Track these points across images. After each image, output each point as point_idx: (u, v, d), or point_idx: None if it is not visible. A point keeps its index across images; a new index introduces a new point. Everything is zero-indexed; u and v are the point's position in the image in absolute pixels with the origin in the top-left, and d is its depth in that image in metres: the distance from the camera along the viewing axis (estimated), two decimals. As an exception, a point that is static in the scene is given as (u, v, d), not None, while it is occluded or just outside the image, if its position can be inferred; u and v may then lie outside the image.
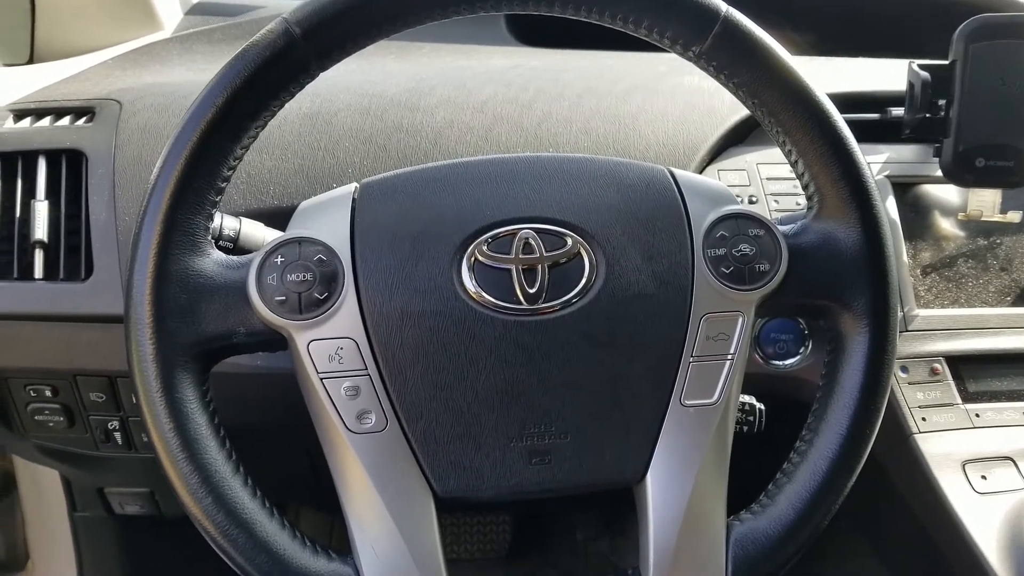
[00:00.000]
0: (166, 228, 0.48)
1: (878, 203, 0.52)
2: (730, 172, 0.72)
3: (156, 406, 0.48)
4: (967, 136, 0.72)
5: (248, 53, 0.48)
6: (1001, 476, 0.67)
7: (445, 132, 0.71)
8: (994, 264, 0.75)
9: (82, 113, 0.73)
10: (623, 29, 0.52)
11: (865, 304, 0.52)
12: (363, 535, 0.49)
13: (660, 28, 0.51)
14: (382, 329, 0.49)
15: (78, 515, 0.91)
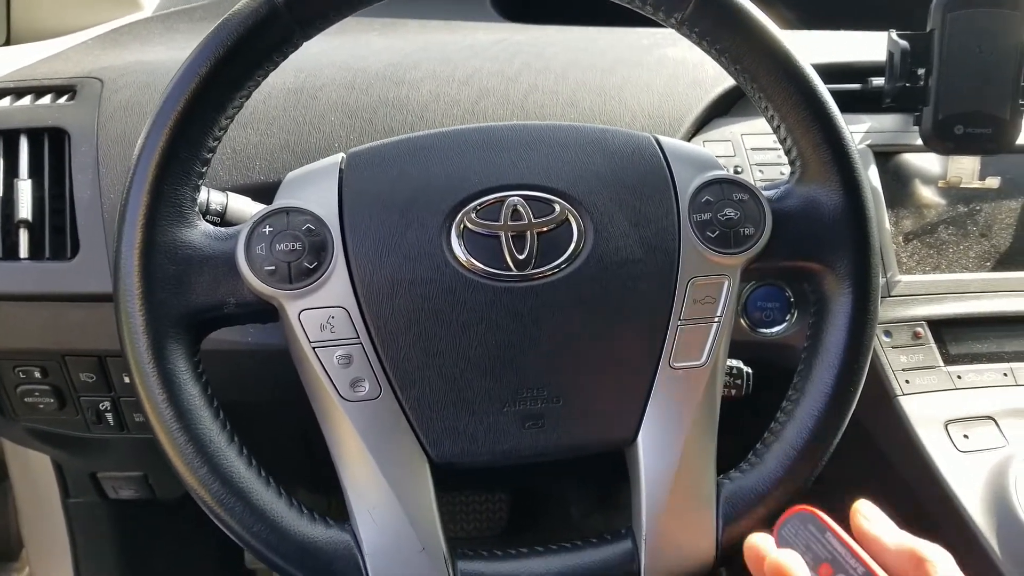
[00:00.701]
0: (153, 199, 0.48)
1: (859, 166, 0.53)
2: (715, 143, 0.73)
3: (148, 377, 0.48)
4: (946, 104, 0.73)
5: (230, 22, 0.48)
6: (982, 435, 0.68)
7: (431, 105, 0.71)
8: (974, 230, 0.76)
9: (63, 91, 0.72)
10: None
11: (847, 265, 0.53)
12: (360, 502, 0.50)
13: None
14: (373, 297, 0.50)
15: (71, 501, 0.90)
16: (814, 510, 0.39)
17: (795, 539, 0.39)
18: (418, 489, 0.50)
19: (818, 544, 0.38)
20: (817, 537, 0.38)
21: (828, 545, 0.38)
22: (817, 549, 0.38)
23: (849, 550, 0.37)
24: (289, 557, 0.48)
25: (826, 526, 0.38)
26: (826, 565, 0.37)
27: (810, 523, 0.39)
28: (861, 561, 0.37)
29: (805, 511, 0.39)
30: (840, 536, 0.38)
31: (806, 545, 0.38)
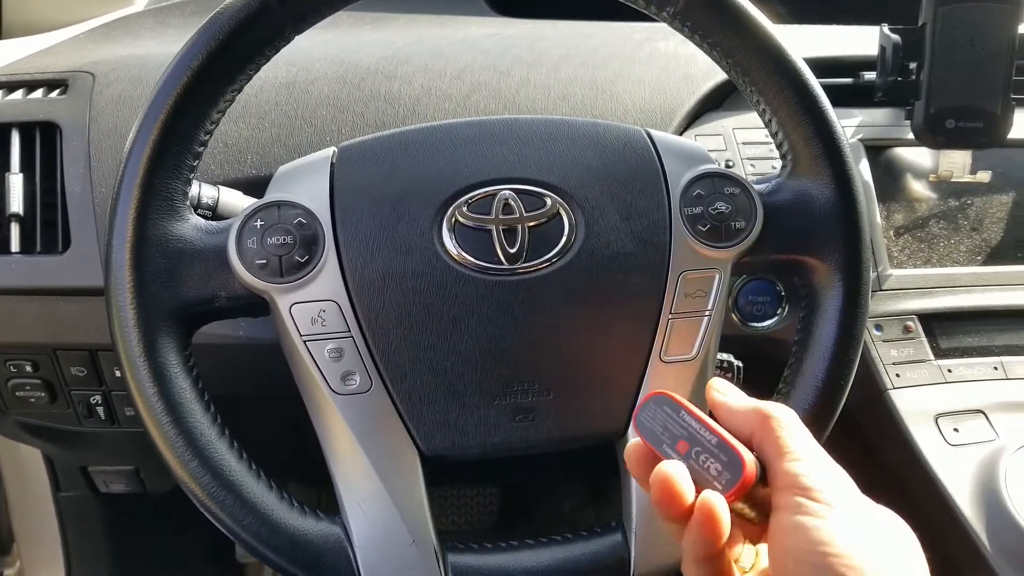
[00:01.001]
0: (144, 192, 0.48)
1: (850, 160, 0.53)
2: (707, 137, 0.73)
3: (139, 371, 0.48)
4: (937, 98, 0.73)
5: (223, 15, 0.48)
6: (972, 429, 0.68)
7: (423, 100, 0.71)
8: (965, 224, 0.76)
9: (55, 86, 0.72)
10: None
11: (838, 258, 0.53)
12: (350, 495, 0.50)
13: None
14: (364, 291, 0.50)
15: (62, 495, 0.90)
16: (668, 392, 0.40)
17: (653, 422, 0.40)
18: (408, 482, 0.50)
19: (674, 423, 0.39)
20: (672, 417, 0.39)
21: (683, 422, 0.39)
22: (673, 428, 0.39)
23: (702, 424, 0.39)
24: (279, 550, 0.48)
25: (680, 405, 0.40)
26: (682, 441, 0.39)
27: (665, 405, 0.40)
28: (714, 432, 0.38)
29: (659, 394, 0.40)
30: (693, 412, 0.39)
31: (663, 426, 0.40)
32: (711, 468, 0.37)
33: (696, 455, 0.38)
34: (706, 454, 0.38)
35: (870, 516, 0.37)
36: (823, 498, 0.36)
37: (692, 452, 0.38)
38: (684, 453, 0.38)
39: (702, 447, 0.38)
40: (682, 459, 0.38)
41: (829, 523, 0.35)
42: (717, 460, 0.37)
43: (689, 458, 0.38)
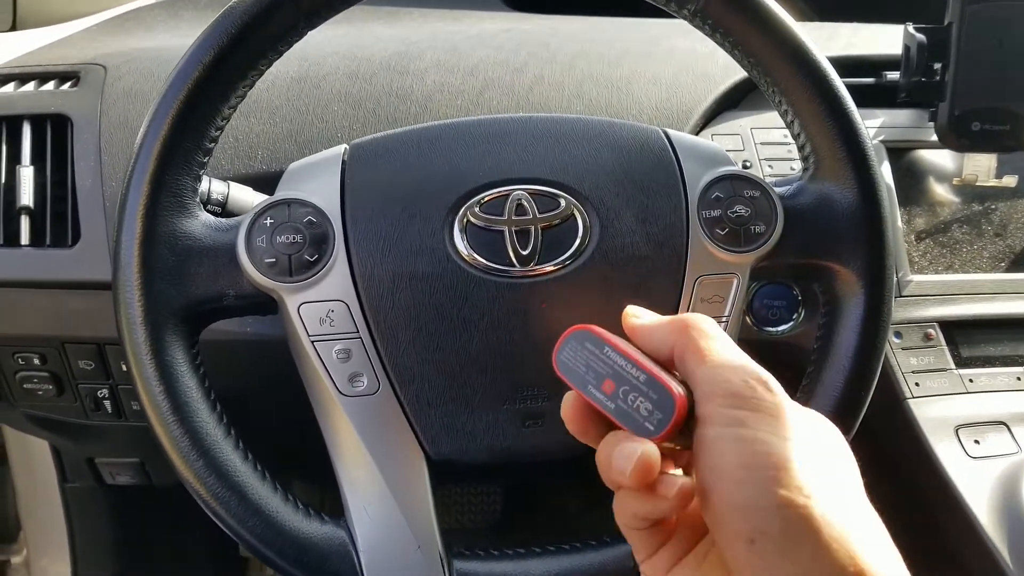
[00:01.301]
0: (153, 189, 0.47)
1: (875, 164, 0.52)
2: (724, 136, 0.72)
3: (146, 369, 0.47)
4: (963, 100, 0.71)
5: (235, 10, 0.47)
6: (994, 441, 0.67)
7: (435, 96, 0.70)
8: (988, 229, 0.75)
9: (67, 78, 0.72)
10: None
11: (861, 265, 0.52)
12: (356, 497, 0.49)
13: None
14: (373, 291, 0.49)
15: (69, 486, 0.90)
16: (589, 327, 0.37)
17: (575, 361, 0.36)
18: (415, 486, 0.49)
19: (598, 361, 0.36)
20: (596, 354, 0.36)
21: (607, 359, 0.36)
22: (597, 366, 0.36)
23: (629, 359, 0.35)
24: (283, 553, 0.47)
25: (604, 340, 0.36)
26: (608, 380, 0.35)
27: (587, 341, 0.36)
28: (641, 366, 0.35)
29: (579, 330, 0.37)
30: (618, 347, 0.36)
31: (586, 365, 0.36)
32: (640, 408, 0.34)
33: (624, 395, 0.35)
34: (634, 393, 0.35)
35: (805, 422, 0.34)
36: (755, 405, 0.33)
37: (619, 392, 0.35)
38: (610, 393, 0.35)
39: (629, 385, 0.35)
40: (608, 400, 0.35)
41: (764, 434, 0.32)
42: (646, 399, 0.34)
43: (616, 398, 0.35)
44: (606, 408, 0.35)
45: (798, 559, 0.30)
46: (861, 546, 0.31)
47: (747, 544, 0.31)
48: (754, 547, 0.31)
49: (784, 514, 0.31)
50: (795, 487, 0.31)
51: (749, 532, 0.31)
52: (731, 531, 0.32)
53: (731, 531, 0.32)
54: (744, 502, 0.31)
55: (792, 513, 0.31)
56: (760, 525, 0.31)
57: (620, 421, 0.35)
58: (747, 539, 0.31)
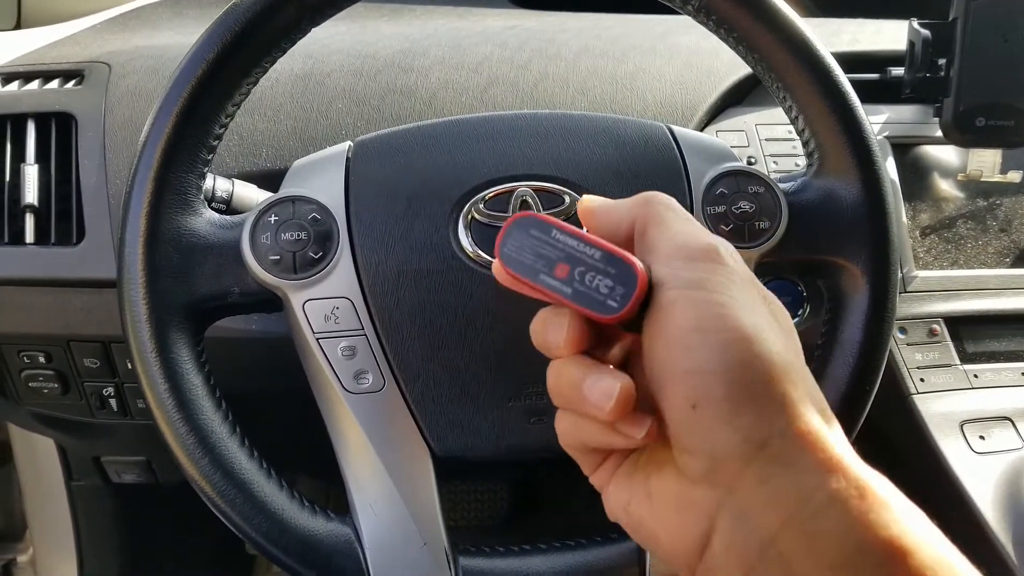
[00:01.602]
0: (158, 187, 0.47)
1: (879, 160, 0.52)
2: (729, 133, 0.71)
3: (151, 367, 0.47)
4: (967, 95, 0.71)
5: (238, 8, 0.47)
6: (999, 436, 0.67)
7: (440, 93, 0.70)
8: (993, 225, 0.75)
9: (71, 76, 0.72)
10: None
11: (865, 261, 0.51)
12: (361, 495, 0.49)
13: None
14: (378, 288, 0.49)
15: (75, 484, 0.91)
16: (532, 213, 0.35)
17: (521, 251, 0.34)
18: (420, 483, 0.49)
19: (547, 246, 0.34)
20: (544, 240, 0.34)
21: (557, 243, 0.34)
22: (547, 251, 0.34)
23: (580, 238, 0.33)
24: (289, 550, 0.47)
25: (551, 224, 0.34)
26: (560, 264, 0.33)
27: (532, 228, 0.34)
28: (595, 244, 0.33)
29: (521, 217, 0.35)
30: (567, 228, 0.34)
31: (535, 252, 0.34)
32: (600, 287, 0.33)
33: (580, 276, 0.33)
34: (591, 272, 0.33)
35: (761, 295, 0.34)
36: (714, 269, 0.32)
37: (575, 274, 0.33)
38: (565, 277, 0.33)
39: (585, 265, 0.33)
40: (564, 284, 0.33)
41: (722, 296, 0.32)
42: (605, 275, 0.33)
43: (572, 282, 0.33)
44: (562, 294, 0.33)
45: (738, 425, 0.30)
46: (801, 410, 0.30)
47: (689, 409, 0.31)
48: (696, 412, 0.31)
49: (729, 378, 0.30)
50: (745, 352, 0.31)
51: (693, 396, 0.31)
52: (676, 396, 0.31)
53: (676, 396, 0.31)
54: (692, 366, 0.31)
55: (737, 377, 0.30)
56: (705, 390, 0.31)
57: (580, 304, 0.33)
58: (691, 403, 0.31)
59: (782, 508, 0.29)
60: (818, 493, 0.29)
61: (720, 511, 0.31)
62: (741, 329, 0.31)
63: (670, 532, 0.33)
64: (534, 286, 0.34)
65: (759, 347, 0.31)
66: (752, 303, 0.33)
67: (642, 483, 0.35)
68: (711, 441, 0.31)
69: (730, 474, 0.31)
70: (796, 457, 0.30)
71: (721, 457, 0.31)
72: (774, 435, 0.30)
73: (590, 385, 0.33)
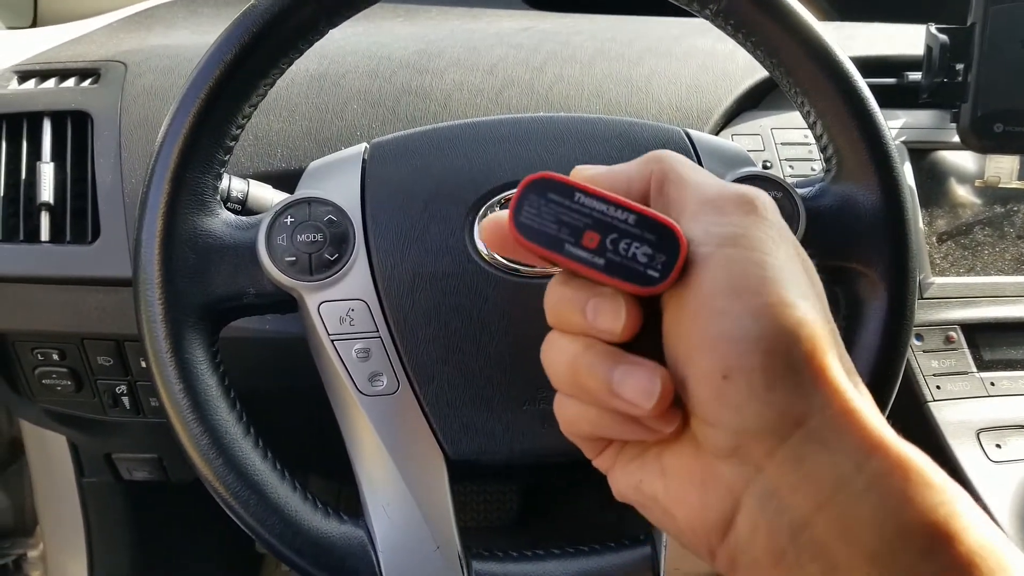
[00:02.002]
0: (174, 187, 0.47)
1: (898, 166, 0.51)
2: (744, 136, 0.71)
3: (166, 367, 0.47)
4: (985, 101, 0.70)
5: (256, 9, 0.47)
6: (1016, 444, 0.66)
7: (455, 95, 0.70)
8: (1011, 232, 0.74)
9: (87, 75, 0.72)
10: None
11: (883, 268, 0.51)
12: (375, 497, 0.49)
13: None
14: (393, 291, 0.49)
15: (86, 481, 0.91)
16: (549, 174, 0.30)
17: (541, 219, 0.29)
18: (434, 486, 0.49)
19: (570, 212, 0.29)
20: (566, 205, 0.29)
21: (582, 207, 0.29)
22: (571, 218, 0.29)
23: (610, 201, 0.29)
24: (302, 552, 0.47)
25: (573, 186, 0.30)
26: (589, 232, 0.29)
27: (551, 191, 0.29)
28: (628, 206, 0.29)
29: (539, 179, 0.30)
30: (593, 190, 0.29)
31: (557, 220, 0.29)
32: (638, 255, 0.28)
33: (613, 244, 0.29)
34: (626, 239, 0.28)
35: (797, 252, 0.31)
36: (749, 222, 0.29)
37: (607, 242, 0.29)
38: (596, 247, 0.29)
39: (618, 231, 0.29)
40: (595, 255, 0.29)
41: (758, 255, 0.28)
42: (642, 241, 0.28)
43: (605, 251, 0.29)
44: (595, 267, 0.29)
45: (773, 400, 0.27)
46: (841, 384, 0.28)
47: (719, 380, 0.28)
48: (727, 383, 0.28)
49: (765, 347, 0.27)
50: (785, 319, 0.27)
51: (724, 366, 0.28)
52: (704, 365, 0.28)
53: (704, 365, 0.28)
54: (724, 332, 0.28)
55: (774, 347, 0.27)
56: (737, 359, 0.27)
57: (617, 277, 0.29)
58: (721, 374, 0.28)
59: (818, 491, 0.27)
60: (857, 476, 0.27)
61: (747, 489, 0.28)
62: (780, 292, 0.28)
63: (688, 511, 0.30)
64: (560, 258, 0.29)
65: (799, 313, 0.28)
66: (791, 262, 0.29)
67: (655, 459, 0.32)
68: (741, 415, 0.28)
69: (760, 452, 0.28)
70: (834, 436, 0.27)
71: (752, 433, 0.28)
72: (812, 411, 0.27)
73: (620, 379, 0.29)
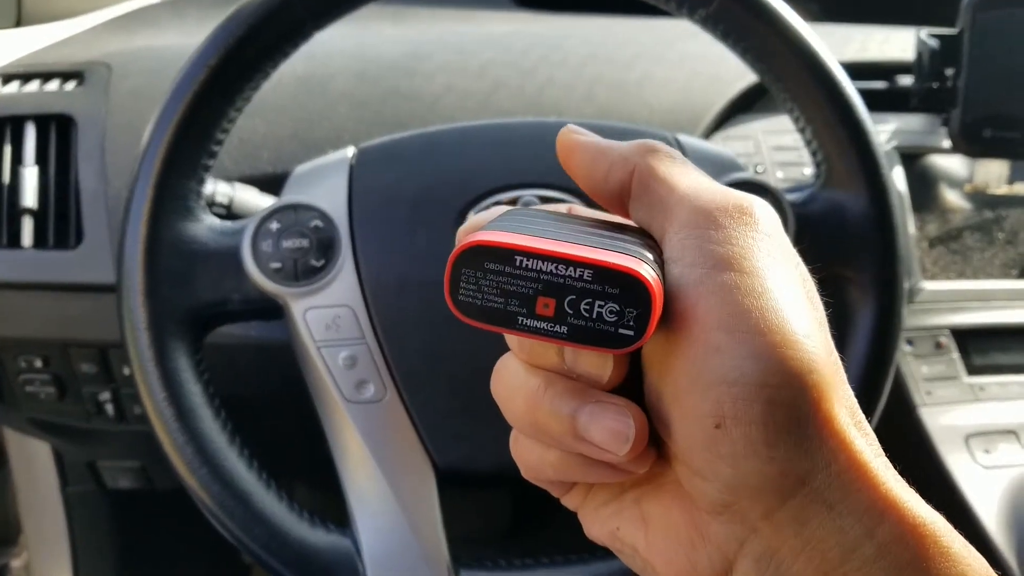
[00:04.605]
0: (158, 193, 0.47)
1: (886, 173, 0.51)
2: (736, 140, 0.71)
3: (149, 375, 0.46)
4: (975, 106, 0.71)
5: (241, 12, 0.47)
6: (1004, 450, 0.66)
7: (443, 98, 0.69)
8: (1000, 237, 0.74)
9: (71, 77, 0.71)
10: None
11: (872, 273, 0.51)
12: (361, 506, 0.49)
13: None
14: (380, 297, 0.48)
15: (70, 489, 0.90)
16: (478, 240, 0.24)
17: (484, 295, 0.24)
18: (421, 495, 0.48)
19: (515, 281, 0.24)
20: (508, 272, 0.24)
21: (528, 271, 0.24)
22: (518, 287, 0.24)
23: (555, 257, 0.24)
24: (288, 563, 0.47)
25: (512, 249, 0.24)
26: (542, 298, 0.24)
27: (487, 260, 0.24)
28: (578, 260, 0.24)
29: (468, 249, 0.24)
30: (535, 249, 0.24)
31: (502, 292, 0.24)
32: (604, 314, 0.24)
33: (574, 307, 0.24)
34: (587, 298, 0.24)
35: (800, 271, 0.27)
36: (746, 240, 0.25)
37: (565, 306, 0.24)
38: (554, 314, 0.24)
39: (575, 292, 0.24)
40: (555, 323, 0.24)
41: (756, 281, 0.24)
42: (605, 298, 0.24)
43: (567, 317, 0.24)
44: (557, 336, 0.25)
45: (774, 455, 0.23)
46: (849, 435, 0.24)
47: (711, 429, 0.24)
48: (720, 433, 0.24)
49: (766, 394, 0.23)
50: (789, 361, 0.24)
51: (718, 414, 0.24)
52: (694, 411, 0.24)
53: (694, 411, 0.24)
54: (718, 374, 0.24)
55: (776, 395, 0.23)
56: (733, 406, 0.23)
57: (584, 343, 0.24)
58: (713, 422, 0.24)
59: (823, 559, 0.24)
60: (867, 542, 0.23)
61: (741, 551, 0.25)
62: (784, 329, 0.24)
63: (673, 569, 0.27)
64: (516, 333, 0.25)
65: (804, 354, 0.24)
66: (792, 286, 0.26)
67: (633, 505, 0.28)
68: (737, 470, 0.24)
69: (757, 512, 0.24)
70: (841, 497, 0.24)
71: (749, 490, 0.24)
72: (817, 468, 0.24)
73: (587, 421, 0.25)
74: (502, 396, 0.28)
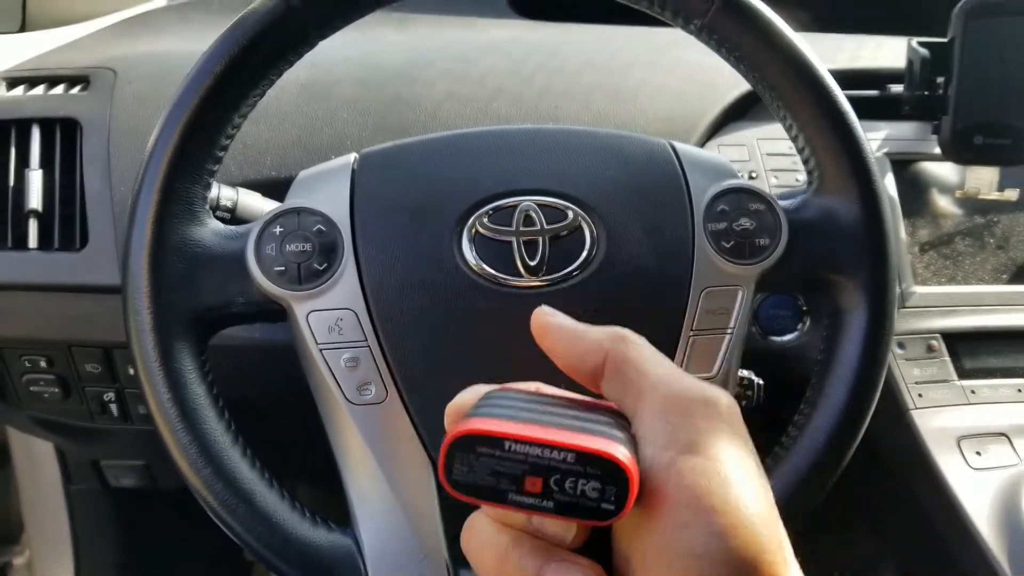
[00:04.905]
0: (163, 197, 0.48)
1: (878, 179, 0.52)
2: (730, 147, 0.72)
3: (154, 376, 0.47)
4: (965, 114, 0.72)
5: (246, 21, 0.48)
6: (996, 452, 0.67)
7: (444, 104, 0.70)
8: (991, 242, 0.75)
9: (76, 81, 0.72)
10: (624, 2, 0.51)
11: (864, 279, 0.52)
12: (363, 505, 0.49)
13: (661, 1, 0.50)
14: (382, 300, 0.49)
15: (73, 488, 0.90)
16: (471, 429, 0.28)
17: (475, 476, 0.28)
18: (422, 495, 0.49)
19: (504, 463, 0.28)
20: (498, 456, 0.28)
21: (516, 455, 0.27)
22: (507, 468, 0.28)
23: (541, 444, 0.27)
24: (291, 561, 0.48)
25: (501, 436, 0.28)
26: (530, 478, 0.27)
27: (478, 445, 0.28)
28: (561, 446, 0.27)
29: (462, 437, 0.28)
30: (522, 436, 0.28)
31: (493, 472, 0.28)
32: (587, 491, 0.27)
33: (559, 485, 0.27)
34: (571, 477, 0.27)
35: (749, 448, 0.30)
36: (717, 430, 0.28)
37: (551, 484, 0.27)
38: (541, 491, 0.27)
39: (560, 472, 0.27)
40: (542, 499, 0.28)
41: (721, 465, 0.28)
42: (587, 477, 0.27)
43: (552, 494, 0.27)
44: (544, 510, 0.28)
45: None
46: None
47: None
48: None
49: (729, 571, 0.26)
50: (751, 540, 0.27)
51: None
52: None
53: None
54: (685, 549, 0.27)
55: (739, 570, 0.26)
56: None
57: (569, 516, 0.28)
58: None
59: None
60: None
61: None
62: (745, 509, 0.27)
63: None
64: (506, 508, 0.28)
65: (762, 537, 0.27)
66: (746, 466, 0.29)
67: None
68: None
69: None
70: None
71: None
72: None
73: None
74: (472, 550, 0.30)
